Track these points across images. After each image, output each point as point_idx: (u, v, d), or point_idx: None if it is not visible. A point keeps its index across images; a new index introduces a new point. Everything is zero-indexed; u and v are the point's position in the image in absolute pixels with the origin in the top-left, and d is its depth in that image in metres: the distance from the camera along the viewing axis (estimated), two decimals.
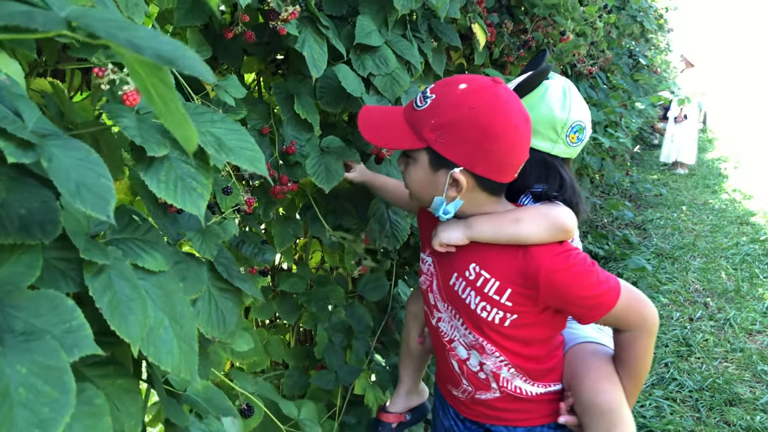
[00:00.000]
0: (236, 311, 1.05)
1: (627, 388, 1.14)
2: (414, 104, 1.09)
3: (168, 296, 0.79)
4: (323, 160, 1.41)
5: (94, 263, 0.69)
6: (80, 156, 0.55)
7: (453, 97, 1.04)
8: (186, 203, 0.77)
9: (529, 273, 1.06)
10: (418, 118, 1.07)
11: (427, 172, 1.09)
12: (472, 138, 1.02)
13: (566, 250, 1.07)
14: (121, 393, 0.76)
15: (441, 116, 1.03)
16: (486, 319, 1.12)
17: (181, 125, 0.44)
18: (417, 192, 1.14)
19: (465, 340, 1.19)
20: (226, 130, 0.85)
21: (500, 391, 1.20)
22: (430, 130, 1.04)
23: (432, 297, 1.25)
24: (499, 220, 1.09)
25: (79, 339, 0.63)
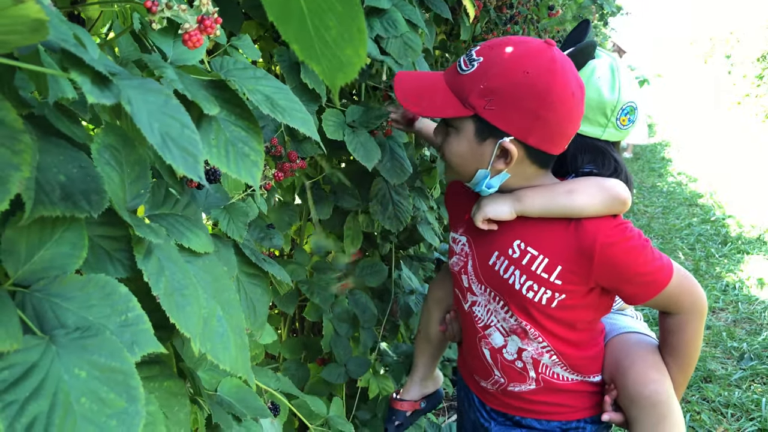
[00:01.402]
0: (265, 299, 0.93)
1: (676, 377, 1.06)
2: (458, 68, 0.99)
3: (216, 282, 0.68)
4: (358, 137, 1.30)
5: (144, 242, 0.57)
6: (159, 101, 0.43)
7: (505, 60, 0.94)
8: (240, 171, 0.65)
9: (583, 247, 0.99)
10: (464, 82, 0.97)
11: (472, 143, 1.00)
12: (526, 105, 0.94)
13: (621, 223, 1.00)
14: (169, 397, 0.64)
15: (491, 80, 0.94)
16: (532, 299, 1.04)
17: (341, 44, 0.33)
18: (458, 165, 1.04)
19: (505, 325, 1.11)
20: (273, 88, 0.73)
21: (537, 382, 1.12)
22: (477, 96, 0.95)
23: (466, 279, 1.16)
24: (551, 191, 1.02)
25: (137, 334, 0.52)
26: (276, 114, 0.69)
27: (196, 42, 0.53)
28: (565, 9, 3.05)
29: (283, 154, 1.25)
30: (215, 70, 0.72)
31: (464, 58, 0.99)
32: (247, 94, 0.68)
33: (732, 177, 7.32)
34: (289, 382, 1.11)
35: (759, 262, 4.42)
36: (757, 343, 3.12)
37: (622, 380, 1.09)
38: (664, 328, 1.09)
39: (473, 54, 0.98)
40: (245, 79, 0.72)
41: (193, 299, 0.60)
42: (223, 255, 0.84)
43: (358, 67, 0.35)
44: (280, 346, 1.64)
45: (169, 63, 0.69)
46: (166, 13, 0.54)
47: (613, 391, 1.11)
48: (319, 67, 0.37)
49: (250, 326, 0.89)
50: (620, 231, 0.98)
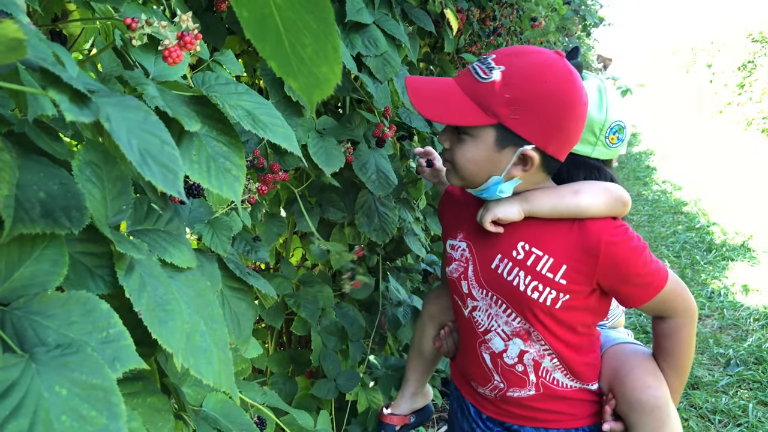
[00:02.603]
0: (250, 313, 0.93)
1: (672, 383, 1.07)
2: (475, 75, 0.99)
3: (199, 297, 0.68)
4: (323, 142, 1.30)
5: (125, 258, 0.57)
6: (139, 118, 0.43)
7: (529, 69, 0.96)
8: (222, 186, 0.65)
9: (588, 245, 1.01)
10: (485, 91, 0.97)
11: (490, 150, 1.00)
12: (550, 114, 0.96)
13: (622, 224, 1.04)
14: (152, 413, 0.64)
15: (516, 89, 0.95)
16: (537, 300, 1.05)
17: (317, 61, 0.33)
18: (470, 171, 1.04)
19: (507, 329, 1.11)
20: (254, 103, 0.74)
21: (536, 387, 1.12)
22: (503, 105, 0.95)
23: (466, 285, 1.16)
24: (558, 192, 1.04)
25: (119, 350, 0.52)
26: (257, 129, 0.69)
27: (176, 58, 0.53)
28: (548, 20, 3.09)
29: (266, 166, 1.25)
30: (197, 85, 0.72)
31: (480, 66, 0.98)
32: (228, 110, 0.68)
33: (716, 184, 7.40)
34: (276, 396, 1.10)
35: (743, 268, 4.46)
36: (743, 349, 3.15)
37: (620, 388, 1.09)
38: (658, 333, 1.10)
39: (491, 62, 0.98)
40: (227, 95, 0.72)
41: (175, 314, 0.60)
42: (207, 269, 0.84)
43: (334, 84, 0.36)
44: (268, 359, 1.63)
45: (151, 79, 0.69)
46: (146, 29, 0.55)
47: (611, 400, 1.11)
48: (297, 83, 0.37)
49: (235, 340, 0.89)
50: (623, 231, 1.02)
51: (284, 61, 0.37)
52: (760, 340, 3.24)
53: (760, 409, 2.63)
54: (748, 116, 11.43)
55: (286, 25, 0.35)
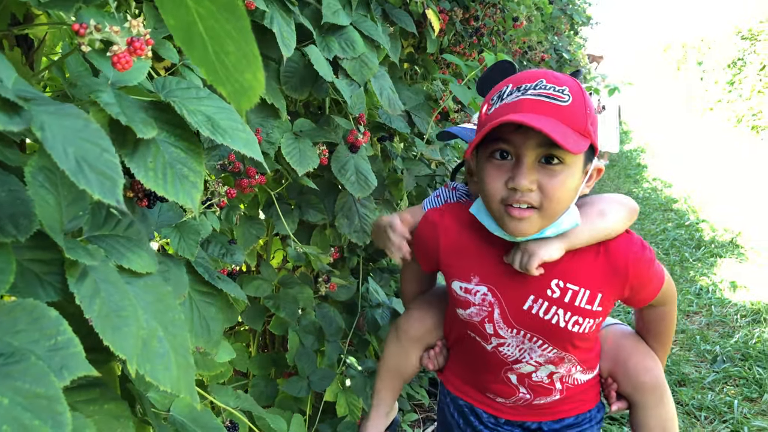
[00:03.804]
0: (220, 317, 0.93)
1: (661, 357, 1.21)
2: (554, 101, 0.92)
3: (158, 302, 0.67)
4: (298, 143, 1.30)
5: (78, 264, 0.57)
6: (77, 126, 0.43)
7: (576, 82, 0.97)
8: (178, 194, 0.65)
9: (617, 268, 1.03)
10: (574, 113, 0.92)
11: (578, 175, 0.97)
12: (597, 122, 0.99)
13: (637, 237, 1.06)
14: (110, 420, 0.64)
15: (589, 104, 0.95)
16: (578, 332, 1.08)
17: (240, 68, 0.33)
18: (564, 205, 0.96)
19: (540, 359, 1.14)
20: (215, 108, 0.73)
21: (561, 392, 1.19)
22: (589, 123, 0.93)
23: (491, 327, 1.13)
24: (587, 218, 1.02)
25: (67, 358, 0.51)
26: (216, 136, 0.69)
27: (125, 64, 0.53)
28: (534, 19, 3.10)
29: (242, 170, 1.25)
30: (157, 90, 0.72)
31: (552, 92, 0.92)
32: (186, 116, 0.68)
33: (706, 182, 7.43)
34: (251, 400, 1.10)
35: (732, 265, 4.48)
36: (730, 346, 3.16)
37: (623, 372, 1.21)
38: (649, 319, 1.19)
39: (554, 86, 0.93)
40: (187, 99, 0.72)
41: (130, 320, 0.60)
42: (173, 274, 0.84)
43: (259, 92, 0.36)
44: (249, 362, 1.63)
45: (110, 84, 0.69)
46: (96, 35, 0.55)
47: (613, 384, 1.23)
48: (225, 90, 0.38)
49: (204, 345, 0.89)
50: (639, 245, 1.04)
51: (211, 69, 0.37)
52: (746, 336, 3.25)
53: (746, 406, 2.64)
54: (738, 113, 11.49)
55: (210, 34, 0.35)
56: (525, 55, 3.10)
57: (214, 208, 1.01)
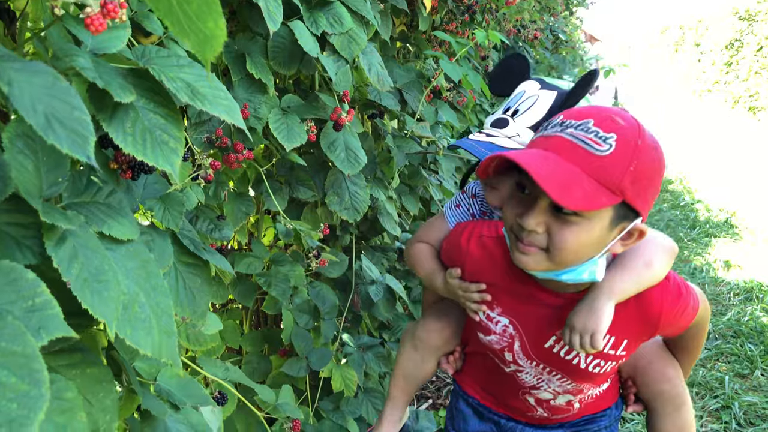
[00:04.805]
0: (206, 289, 0.93)
1: (685, 367, 1.17)
2: (587, 147, 0.84)
3: (140, 268, 0.68)
4: (286, 119, 1.30)
5: (56, 229, 0.57)
6: (46, 83, 0.43)
7: (636, 134, 0.85)
8: (158, 159, 0.65)
9: (649, 319, 1.00)
10: (609, 166, 0.83)
11: (605, 230, 0.88)
12: (658, 182, 0.89)
13: (673, 283, 1.00)
14: (93, 384, 0.64)
15: (640, 162, 0.83)
16: (599, 373, 1.07)
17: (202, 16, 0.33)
18: (574, 257, 0.90)
19: (558, 389, 1.14)
20: (196, 75, 0.73)
21: (580, 409, 1.20)
22: (629, 181, 0.83)
23: (510, 355, 1.13)
24: (632, 271, 0.96)
25: (45, 319, 0.52)
26: (196, 102, 0.69)
27: (99, 26, 0.53)
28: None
29: (229, 145, 1.25)
30: (136, 58, 0.72)
31: (591, 137, 0.85)
32: (166, 82, 0.68)
33: (702, 163, 7.45)
34: (239, 372, 1.11)
35: (726, 245, 4.50)
36: (722, 323, 3.18)
37: (642, 378, 1.19)
38: (681, 336, 1.10)
39: (599, 131, 0.85)
40: (167, 67, 0.72)
41: (111, 285, 0.60)
42: (158, 244, 0.84)
43: (222, 40, 0.36)
44: (242, 339, 1.64)
45: (89, 51, 0.68)
46: None
47: (632, 387, 1.22)
48: (190, 42, 0.38)
49: (190, 315, 0.89)
50: (675, 295, 0.99)
51: (175, 20, 0.37)
52: (739, 314, 3.27)
53: (737, 381, 2.66)
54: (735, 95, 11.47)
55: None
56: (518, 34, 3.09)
57: (199, 181, 1.01)
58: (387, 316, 1.84)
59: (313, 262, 1.50)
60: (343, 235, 1.82)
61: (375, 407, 1.72)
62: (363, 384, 1.72)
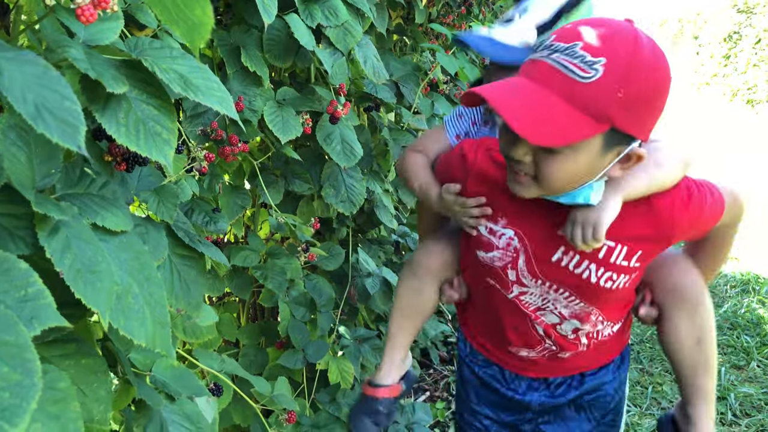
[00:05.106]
0: (200, 280, 0.94)
1: (708, 274, 1.08)
2: (571, 74, 0.80)
3: (134, 260, 0.68)
4: (281, 111, 1.30)
5: (49, 220, 0.57)
6: (36, 72, 0.43)
7: (632, 55, 0.80)
8: (151, 150, 0.65)
9: (663, 226, 0.96)
10: (593, 93, 0.79)
11: (594, 158, 0.85)
12: (659, 104, 0.84)
13: (687, 190, 0.96)
14: (87, 374, 0.65)
15: (631, 85, 0.80)
16: (611, 288, 1.01)
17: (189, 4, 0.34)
18: (563, 185, 0.88)
19: (565, 311, 1.07)
20: (189, 67, 0.73)
21: (587, 347, 1.13)
22: (617, 107, 0.80)
23: (513, 274, 1.07)
24: (643, 169, 0.92)
25: (38, 309, 0.52)
26: (189, 92, 0.69)
27: (90, 17, 0.53)
28: None
29: (225, 138, 1.25)
30: (129, 50, 0.72)
31: (573, 62, 0.80)
32: (158, 73, 0.68)
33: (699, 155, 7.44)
34: (235, 363, 1.12)
35: None
36: (719, 315, 3.19)
37: (661, 278, 1.08)
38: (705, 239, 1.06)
39: (585, 55, 0.80)
40: (160, 58, 0.71)
41: (104, 275, 0.61)
42: (152, 236, 0.84)
43: (209, 27, 0.36)
44: (239, 332, 1.65)
45: (82, 43, 0.68)
46: None
47: (647, 290, 1.11)
48: (179, 30, 0.38)
49: (184, 307, 0.90)
50: (686, 192, 0.96)
51: (164, 8, 0.37)
52: (735, 306, 3.28)
53: (733, 373, 2.68)
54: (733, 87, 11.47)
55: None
56: None
57: (194, 173, 1.01)
58: (383, 308, 1.85)
59: (302, 256, 1.50)
60: (340, 228, 1.82)
61: None
62: (360, 376, 1.73)
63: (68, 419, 0.56)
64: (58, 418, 0.55)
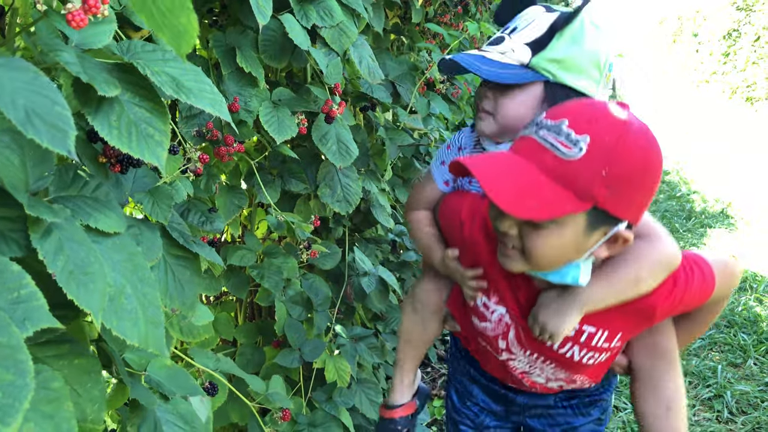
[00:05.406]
0: (195, 281, 0.94)
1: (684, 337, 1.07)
2: (555, 151, 0.82)
3: (127, 261, 0.69)
4: (277, 112, 1.31)
5: (41, 222, 0.58)
6: (27, 78, 0.44)
7: (618, 136, 0.80)
8: (144, 152, 0.66)
9: (645, 315, 0.98)
10: (576, 170, 0.80)
11: (579, 236, 0.85)
12: (646, 185, 0.84)
13: (674, 283, 0.95)
14: (81, 374, 0.65)
15: (614, 165, 0.80)
16: (592, 364, 1.05)
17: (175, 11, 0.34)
18: (549, 261, 0.89)
19: (551, 376, 1.12)
20: (181, 70, 0.74)
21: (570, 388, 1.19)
22: (600, 185, 0.80)
23: (504, 343, 1.11)
24: (618, 282, 0.93)
25: (30, 310, 0.53)
26: (180, 95, 0.70)
27: (80, 22, 0.54)
28: None
29: (220, 138, 1.25)
30: (121, 53, 0.72)
31: (558, 138, 0.82)
32: (150, 76, 0.69)
33: (699, 154, 7.46)
34: (230, 362, 1.12)
35: (721, 235, 4.52)
36: None
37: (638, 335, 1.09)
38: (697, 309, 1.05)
39: (570, 133, 0.81)
40: (152, 61, 0.72)
41: (97, 276, 0.61)
42: (146, 237, 0.85)
43: (194, 35, 0.37)
44: (236, 331, 1.65)
45: (74, 47, 0.69)
46: None
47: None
48: (165, 36, 0.38)
49: (179, 307, 0.90)
50: (676, 291, 0.95)
51: (150, 15, 0.38)
52: (733, 304, 3.29)
53: (730, 371, 2.69)
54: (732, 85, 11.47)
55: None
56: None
57: (188, 174, 1.01)
58: (380, 307, 1.85)
59: (304, 254, 1.51)
60: (336, 228, 1.83)
61: (369, 398, 1.73)
62: (356, 375, 1.74)
63: (62, 418, 0.57)
64: (52, 417, 0.56)
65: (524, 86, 1.05)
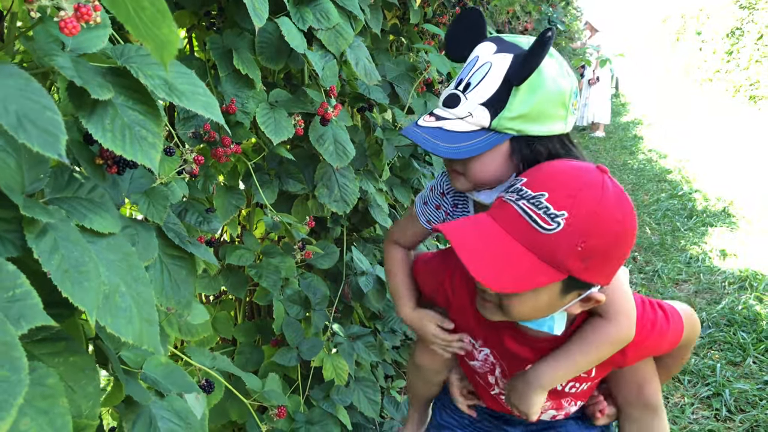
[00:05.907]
0: (191, 280, 0.96)
1: (662, 376, 1.14)
2: (534, 224, 0.84)
3: (122, 260, 0.70)
4: (273, 113, 1.33)
5: (37, 222, 0.59)
6: (19, 84, 0.46)
7: (595, 211, 0.83)
8: (137, 154, 0.68)
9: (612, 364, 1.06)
10: (553, 244, 0.83)
11: (555, 298, 0.90)
12: (620, 253, 0.87)
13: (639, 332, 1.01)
14: (76, 371, 0.67)
15: (590, 239, 0.83)
16: (574, 392, 1.11)
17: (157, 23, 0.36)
18: (526, 318, 0.96)
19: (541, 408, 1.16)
20: (175, 73, 0.75)
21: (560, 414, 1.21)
22: (576, 259, 0.83)
23: (492, 378, 1.17)
24: (573, 366, 1.01)
25: (25, 308, 0.54)
26: (173, 98, 0.71)
27: (72, 29, 0.55)
28: None
29: (217, 140, 1.27)
30: (115, 57, 0.74)
31: (537, 213, 0.85)
32: (143, 79, 0.70)
33: (701, 152, 7.44)
34: (227, 360, 1.14)
35: (722, 234, 4.52)
36: (716, 312, 3.21)
37: (617, 382, 1.15)
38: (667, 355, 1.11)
39: (550, 207, 0.84)
40: (145, 65, 0.74)
41: (91, 275, 0.63)
42: (142, 237, 0.87)
43: (176, 45, 0.38)
44: (234, 329, 1.67)
45: (69, 51, 0.71)
46: (45, 1, 0.57)
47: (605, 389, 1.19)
48: (149, 45, 0.40)
49: (175, 306, 0.92)
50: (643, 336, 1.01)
51: (134, 24, 0.39)
52: (733, 302, 3.29)
53: (729, 369, 2.69)
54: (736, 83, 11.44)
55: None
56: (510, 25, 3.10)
57: (184, 175, 1.03)
58: (378, 306, 1.87)
59: (298, 254, 1.53)
60: (334, 227, 1.84)
61: (366, 396, 1.75)
62: (354, 373, 1.75)
63: (56, 414, 0.58)
64: (47, 413, 0.58)
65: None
